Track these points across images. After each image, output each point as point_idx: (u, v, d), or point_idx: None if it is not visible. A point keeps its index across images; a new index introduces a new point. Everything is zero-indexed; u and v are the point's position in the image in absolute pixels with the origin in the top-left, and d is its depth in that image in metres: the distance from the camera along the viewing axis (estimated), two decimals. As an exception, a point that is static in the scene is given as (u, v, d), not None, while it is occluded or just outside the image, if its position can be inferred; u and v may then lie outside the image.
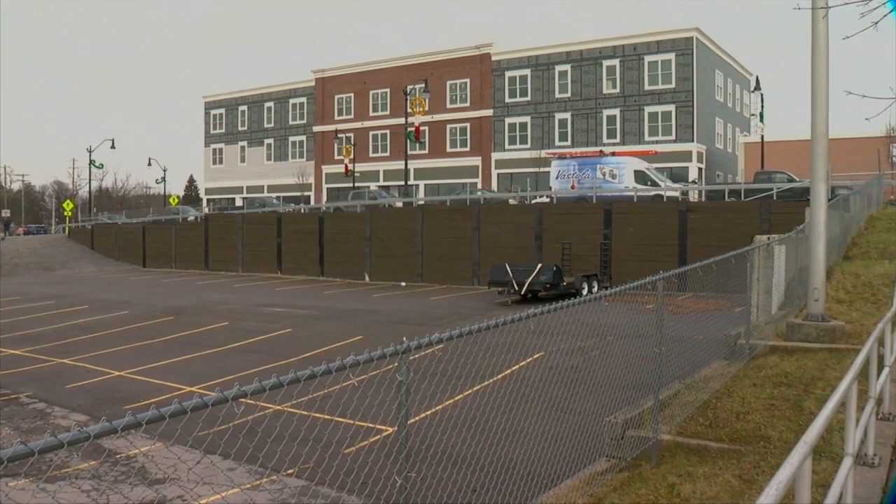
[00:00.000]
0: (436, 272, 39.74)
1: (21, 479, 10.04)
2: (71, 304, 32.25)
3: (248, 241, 50.79)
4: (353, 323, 25.29)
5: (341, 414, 10.43)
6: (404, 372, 4.63)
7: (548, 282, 29.42)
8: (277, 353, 19.76)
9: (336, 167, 69.85)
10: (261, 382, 3.70)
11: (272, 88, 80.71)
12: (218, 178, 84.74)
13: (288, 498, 9.43)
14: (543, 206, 39.77)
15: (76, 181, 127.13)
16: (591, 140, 59.17)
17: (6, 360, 20.36)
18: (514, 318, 5.86)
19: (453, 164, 65.81)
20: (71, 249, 64.08)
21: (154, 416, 3.30)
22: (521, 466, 9.63)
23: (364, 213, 46.04)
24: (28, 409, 15.02)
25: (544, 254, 35.62)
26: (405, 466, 4.75)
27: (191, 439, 9.93)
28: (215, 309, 29.82)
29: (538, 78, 62.64)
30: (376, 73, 71.47)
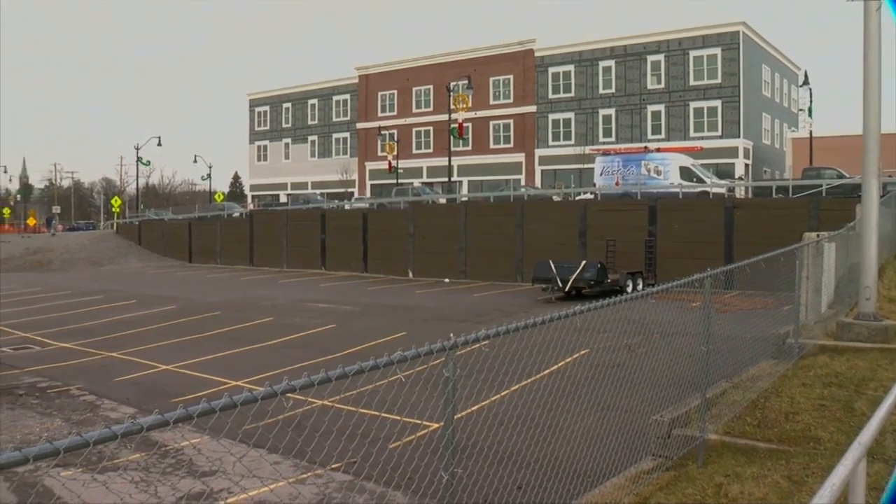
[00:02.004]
0: (479, 269, 39.69)
1: (72, 470, 10.22)
2: (119, 299, 32.74)
3: (293, 237, 51.15)
4: (396, 319, 25.37)
5: (387, 409, 10.46)
6: (451, 368, 4.64)
7: (592, 279, 29.25)
8: (321, 348, 19.89)
9: (379, 164, 70.06)
10: (309, 377, 3.73)
11: (316, 86, 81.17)
12: (262, 175, 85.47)
13: (333, 492, 9.49)
14: (587, 203, 39.56)
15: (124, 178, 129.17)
16: (636, 136, 58.73)
17: (57, 353, 20.75)
18: (561, 314, 5.85)
19: (496, 161, 65.71)
20: (118, 245, 65.04)
21: (205, 410, 3.35)
22: (566, 464, 9.59)
23: (407, 209, 46.14)
24: (78, 402, 15.28)
25: (588, 251, 35.42)
26: (451, 462, 4.76)
27: (240, 433, 10.05)
28: (260, 304, 30.09)
29: (581, 74, 62.30)
30: (419, 69, 71.55)
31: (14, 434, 12.76)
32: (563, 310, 6.03)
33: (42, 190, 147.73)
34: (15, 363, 19.32)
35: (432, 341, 4.58)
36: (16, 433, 12.82)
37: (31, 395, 15.79)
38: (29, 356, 20.51)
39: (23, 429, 13.12)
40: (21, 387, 16.53)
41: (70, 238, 72.78)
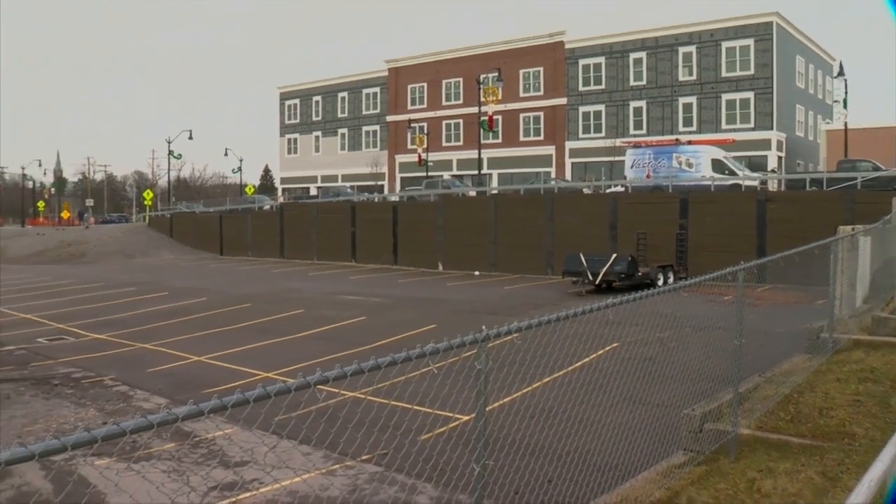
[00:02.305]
0: (509, 261, 39.63)
1: (106, 459, 10.33)
2: (151, 291, 33.05)
3: (323, 229, 51.36)
4: (426, 311, 25.40)
5: (418, 402, 10.50)
6: (483, 360, 4.63)
7: (622, 272, 29.12)
8: (352, 340, 19.95)
9: (409, 156, 70.11)
10: (342, 369, 3.74)
11: (345, 79, 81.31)
12: (293, 168, 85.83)
13: (363, 483, 9.52)
14: (618, 196, 39.37)
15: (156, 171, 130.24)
16: (667, 128, 58.27)
17: (91, 344, 21.00)
18: (593, 307, 5.82)
19: (527, 154, 65.50)
20: (151, 238, 65.67)
21: (239, 400, 3.37)
22: (596, 458, 9.54)
23: (437, 202, 46.14)
24: (112, 392, 15.46)
25: (619, 244, 35.25)
26: (483, 454, 4.75)
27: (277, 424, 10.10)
28: (290, 297, 30.26)
29: (612, 66, 61.90)
30: (449, 62, 71.44)
31: (49, 423, 12.94)
32: (593, 303, 5.99)
33: (76, 183, 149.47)
34: (50, 354, 19.58)
35: (464, 334, 4.57)
36: (51, 422, 13.00)
37: (66, 385, 15.99)
38: (63, 347, 20.78)
39: (58, 418, 13.30)
40: (56, 377, 16.75)
41: (103, 231, 73.60)
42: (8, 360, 18.99)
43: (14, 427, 12.79)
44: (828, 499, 6.58)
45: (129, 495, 8.86)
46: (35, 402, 14.52)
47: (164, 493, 9.07)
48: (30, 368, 17.84)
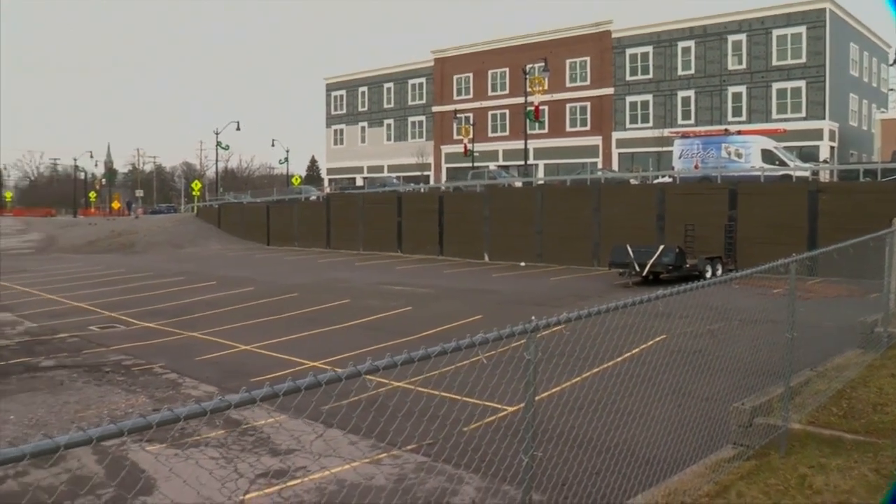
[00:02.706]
0: (555, 252, 39.44)
1: (156, 445, 10.47)
2: (199, 281, 33.43)
3: (369, 220, 51.54)
4: (472, 302, 25.38)
5: (462, 392, 10.49)
6: (532, 351, 4.61)
7: (670, 263, 28.83)
8: (398, 330, 19.99)
9: (455, 147, 70.09)
10: (392, 358, 3.74)
11: (391, 69, 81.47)
12: (339, 159, 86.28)
13: (409, 473, 9.54)
14: (666, 187, 38.95)
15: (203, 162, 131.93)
16: (716, 118, 57.54)
17: (141, 333, 21.31)
18: (644, 298, 5.76)
19: (573, 144, 65.13)
20: (199, 228, 66.44)
21: (290, 388, 3.40)
22: (643, 450, 9.49)
23: (483, 192, 46.06)
24: (161, 379, 15.67)
25: (666, 235, 34.89)
26: (531, 445, 4.73)
27: (325, 412, 10.19)
28: (337, 287, 30.42)
29: (660, 55, 61.25)
30: (495, 52, 71.24)
31: (101, 409, 13.16)
32: (640, 295, 5.93)
33: (126, 174, 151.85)
34: (101, 341, 19.91)
35: (511, 324, 4.55)
36: (103, 409, 13.22)
37: (117, 372, 16.25)
38: (114, 335, 21.11)
39: (109, 404, 13.52)
40: (107, 364, 17.03)
41: (152, 221, 74.69)
42: (62, 347, 19.37)
43: (68, 412, 13.03)
44: (881, 496, 6.46)
45: (180, 481, 8.98)
46: (88, 389, 14.79)
47: (213, 480, 9.17)
48: (82, 355, 18.16)
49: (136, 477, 9.52)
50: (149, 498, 8.90)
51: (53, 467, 9.65)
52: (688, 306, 9.13)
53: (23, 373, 16.32)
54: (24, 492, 8.96)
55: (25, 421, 12.55)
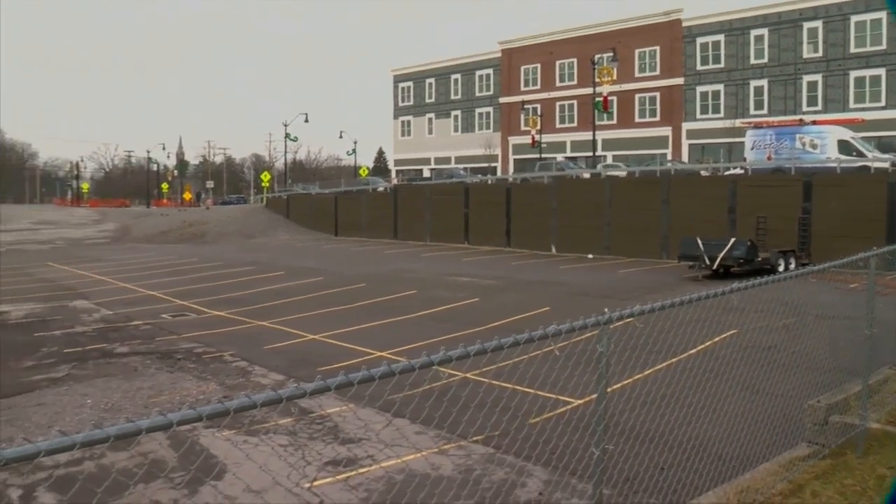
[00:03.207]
0: (623, 245, 39.02)
1: (226, 431, 10.63)
2: (268, 271, 33.86)
3: (436, 211, 51.62)
4: (539, 294, 25.25)
5: (529, 384, 10.43)
6: (605, 343, 4.55)
7: (741, 257, 28.29)
8: (465, 321, 19.98)
9: (522, 138, 69.79)
10: (465, 348, 3.72)
11: (458, 61, 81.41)
12: (406, 150, 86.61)
13: (475, 464, 9.52)
14: (737, 178, 38.24)
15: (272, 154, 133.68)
16: (790, 108, 56.20)
17: (212, 321, 21.68)
18: (717, 292, 5.64)
19: (642, 135, 64.33)
20: (268, 218, 67.32)
21: (364, 377, 3.43)
22: (712, 446, 9.30)
23: (551, 184, 45.79)
24: (231, 367, 15.90)
25: (737, 228, 34.23)
26: (603, 438, 4.67)
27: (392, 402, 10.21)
28: (404, 277, 30.54)
29: (732, 43, 60.03)
30: (563, 42, 70.67)
31: (173, 396, 13.42)
32: (711, 288, 5.81)
33: (197, 166, 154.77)
34: (173, 329, 20.30)
35: (579, 316, 4.49)
36: (175, 395, 13.48)
37: (188, 359, 16.55)
38: (186, 323, 21.51)
39: (181, 391, 13.78)
40: (179, 351, 17.36)
41: (222, 212, 75.97)
42: (136, 334, 19.81)
43: (141, 398, 13.33)
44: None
45: (249, 467, 9.10)
46: (160, 375, 15.10)
47: (282, 467, 9.28)
48: (155, 343, 18.55)
49: (207, 462, 9.69)
50: (219, 483, 9.05)
51: (128, 451, 9.87)
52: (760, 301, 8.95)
53: (99, 358, 16.74)
54: (101, 473, 9.18)
55: (102, 405, 12.87)
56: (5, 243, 56.47)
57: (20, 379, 15.03)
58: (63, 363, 16.31)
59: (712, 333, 14.06)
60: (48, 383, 14.54)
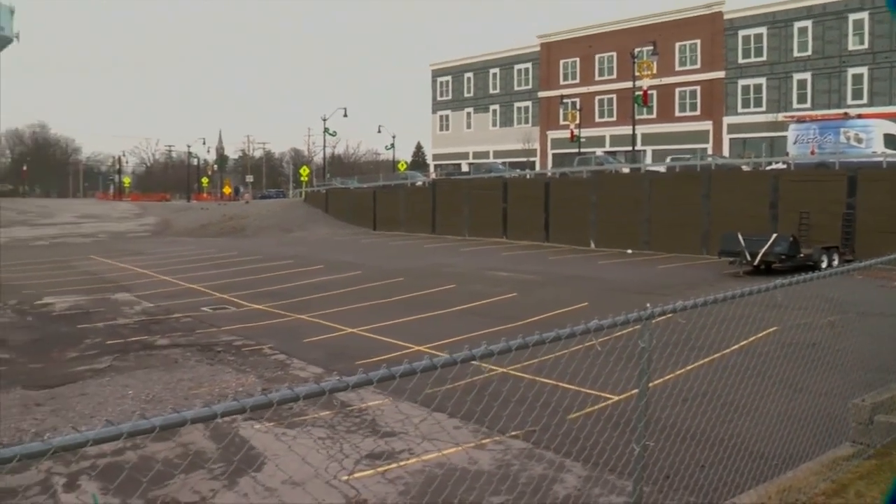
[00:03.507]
0: (663, 240, 38.70)
1: (264, 423, 10.70)
2: (307, 264, 34.05)
3: (474, 205, 51.55)
4: (578, 289, 25.14)
5: (567, 379, 10.38)
6: (647, 338, 4.50)
7: (783, 253, 27.92)
8: (503, 316, 19.95)
9: (561, 133, 69.46)
10: (507, 342, 3.70)
11: (497, 55, 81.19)
12: (444, 144, 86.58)
13: (512, 459, 9.50)
14: (779, 173, 37.71)
15: (311, 148, 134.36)
16: (834, 102, 55.29)
17: (251, 314, 21.85)
18: (761, 288, 5.56)
19: (682, 129, 63.68)
20: (307, 213, 67.68)
21: (406, 370, 3.45)
22: (753, 445, 9.20)
23: (590, 178, 45.55)
24: (270, 360, 16.02)
25: (779, 223, 33.77)
26: (644, 434, 4.62)
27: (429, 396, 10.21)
28: (442, 272, 30.55)
29: (775, 36, 59.19)
30: (602, 36, 70.19)
31: (213, 388, 13.55)
32: (751, 285, 5.73)
33: (236, 160, 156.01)
34: (213, 322, 20.50)
35: (620, 312, 4.45)
36: (214, 387, 13.61)
37: (228, 352, 16.70)
38: (225, 316, 21.71)
39: (220, 383, 13.91)
40: (219, 344, 17.52)
41: (262, 206, 76.55)
42: (176, 326, 20.03)
43: (182, 389, 13.47)
44: None
45: (287, 459, 9.16)
46: (200, 367, 15.25)
47: (320, 459, 9.33)
48: (195, 335, 18.74)
49: (247, 454, 9.77)
50: (258, 474, 9.12)
51: (169, 441, 9.99)
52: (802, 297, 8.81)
53: (140, 350, 16.96)
54: (143, 463, 9.29)
55: (143, 396, 13.04)
56: (50, 237, 57.42)
57: (64, 369, 15.28)
58: (105, 354, 16.55)
59: (753, 330, 13.89)
60: (91, 374, 14.76)
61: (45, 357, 16.57)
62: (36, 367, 15.57)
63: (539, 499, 8.10)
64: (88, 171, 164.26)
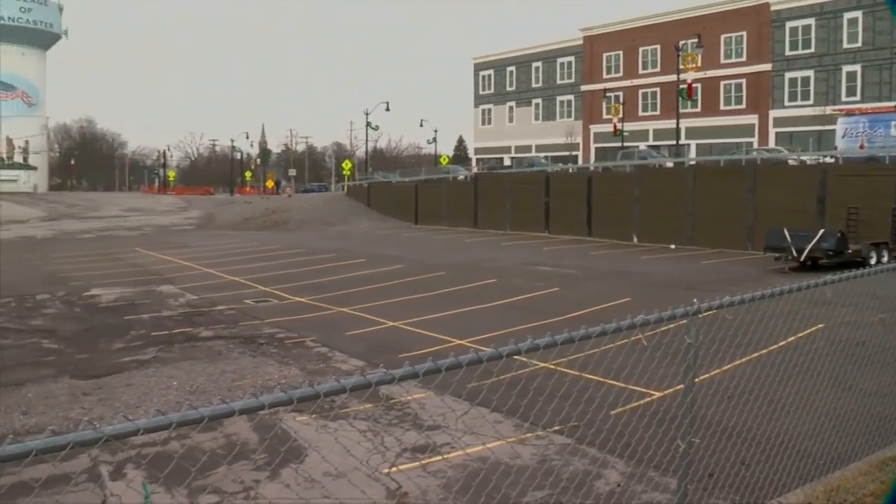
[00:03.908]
0: (707, 235, 38.29)
1: (306, 416, 10.76)
2: (349, 258, 34.19)
3: (516, 200, 51.42)
4: (620, 284, 24.97)
5: (608, 375, 10.30)
6: (694, 334, 4.44)
7: (830, 249, 27.46)
8: (544, 311, 19.87)
9: (604, 126, 68.97)
10: (553, 337, 3.68)
11: (539, 48, 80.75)
12: (486, 138, 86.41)
13: (553, 454, 9.46)
14: (827, 168, 37.13)
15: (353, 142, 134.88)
16: (884, 94, 54.14)
17: (293, 307, 21.99)
18: (810, 283, 5.46)
19: (727, 123, 62.86)
20: (349, 206, 67.97)
21: (452, 364, 3.45)
22: (798, 443, 9.05)
23: (633, 173, 45.19)
24: (312, 353, 16.11)
25: (826, 219, 33.24)
26: (689, 431, 4.56)
27: (470, 390, 10.22)
28: (484, 266, 30.51)
29: (823, 27, 58.12)
30: (646, 29, 69.49)
31: (256, 379, 13.65)
32: (798, 281, 5.62)
33: (279, 154, 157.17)
34: (256, 315, 20.66)
35: (662, 308, 4.40)
36: (257, 379, 13.71)
37: (271, 344, 16.83)
38: (268, 308, 21.88)
39: (263, 375, 14.01)
40: (261, 336, 17.66)
41: (304, 199, 77.02)
42: (220, 318, 20.23)
43: (225, 381, 13.60)
44: None
45: (329, 451, 9.20)
46: (243, 359, 15.38)
47: (361, 451, 9.36)
48: (238, 327, 18.91)
49: (289, 445, 9.84)
50: (300, 465, 9.17)
51: (213, 432, 10.09)
52: (851, 294, 8.65)
53: (184, 342, 17.15)
54: (187, 453, 9.40)
55: (187, 387, 13.18)
56: (97, 229, 58.31)
57: (111, 360, 15.51)
58: (150, 346, 16.76)
59: (799, 327, 13.67)
60: (136, 365, 14.96)
61: (93, 347, 16.83)
62: (83, 358, 15.82)
63: (581, 494, 8.05)
64: (134, 165, 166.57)
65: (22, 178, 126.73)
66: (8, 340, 17.82)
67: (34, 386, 13.43)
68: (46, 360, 15.72)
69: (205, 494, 8.36)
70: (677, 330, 5.39)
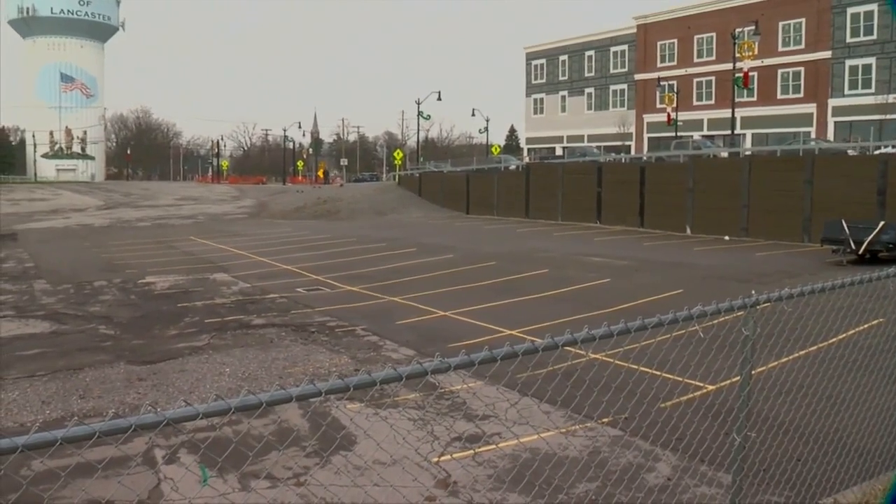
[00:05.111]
0: (762, 226, 37.69)
1: (356, 404, 10.80)
2: (400, 247, 34.30)
3: (568, 190, 51.13)
4: (672, 276, 24.69)
5: (661, 367, 10.16)
6: (751, 326, 4.35)
7: (891, 242, 26.81)
8: (595, 302, 19.74)
9: (658, 116, 68.20)
10: (609, 327, 3.64)
11: (592, 37, 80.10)
12: (538, 128, 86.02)
13: (603, 446, 9.39)
14: (889, 158, 36.23)
15: (405, 132, 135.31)
16: (950, 83, 52.82)
17: (344, 296, 22.11)
18: (872, 276, 5.31)
19: (784, 112, 61.74)
20: (400, 196, 68.19)
21: (507, 353, 3.47)
22: (853, 441, 8.82)
23: (687, 163, 44.64)
24: (363, 341, 16.18)
25: (887, 211, 32.47)
26: (745, 425, 4.47)
27: (520, 381, 10.18)
28: (535, 256, 30.39)
29: (886, 13, 56.65)
30: (701, 16, 68.48)
31: (307, 367, 13.75)
32: (856, 274, 5.47)
33: (331, 144, 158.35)
34: (308, 303, 20.82)
35: (715, 300, 4.31)
36: (308, 367, 13.81)
37: (322, 332, 16.93)
38: (319, 297, 22.02)
39: (314, 363, 14.11)
40: (313, 325, 17.78)
41: (356, 189, 77.45)
42: (271, 306, 20.41)
43: (276, 368, 13.72)
44: None
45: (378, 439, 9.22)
46: (294, 347, 15.50)
47: (410, 440, 9.36)
48: (290, 315, 19.06)
49: (337, 433, 9.89)
50: (349, 453, 9.21)
51: (263, 418, 10.17)
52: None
53: (237, 329, 17.34)
54: (238, 439, 9.48)
55: (239, 374, 13.33)
56: (152, 218, 59.25)
57: (165, 346, 15.74)
58: (204, 333, 16.97)
59: (855, 322, 13.38)
60: (190, 351, 15.16)
61: (147, 334, 17.10)
62: (138, 344, 16.08)
63: (633, 487, 7.97)
64: (188, 155, 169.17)
65: (80, 167, 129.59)
66: (67, 326, 18.20)
67: (91, 371, 13.69)
68: (103, 345, 16.01)
69: (258, 480, 8.45)
70: (734, 322, 5.29)
